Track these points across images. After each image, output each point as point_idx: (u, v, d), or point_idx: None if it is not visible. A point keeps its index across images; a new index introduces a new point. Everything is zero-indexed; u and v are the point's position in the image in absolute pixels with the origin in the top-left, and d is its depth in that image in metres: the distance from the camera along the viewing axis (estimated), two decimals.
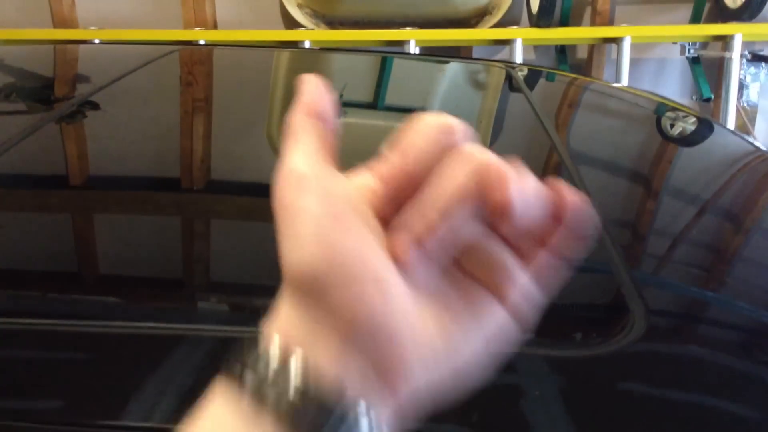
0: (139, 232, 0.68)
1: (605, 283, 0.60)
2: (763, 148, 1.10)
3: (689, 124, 1.19)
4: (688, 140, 1.14)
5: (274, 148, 0.92)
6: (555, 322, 0.54)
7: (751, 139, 1.18)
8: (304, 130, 0.29)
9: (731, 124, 2.92)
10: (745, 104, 3.18)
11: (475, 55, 3.18)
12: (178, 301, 0.57)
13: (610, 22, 3.16)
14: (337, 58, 1.56)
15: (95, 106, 1.04)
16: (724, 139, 1.17)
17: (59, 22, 3.18)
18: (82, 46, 1.57)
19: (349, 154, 0.98)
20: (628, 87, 1.66)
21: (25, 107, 1.08)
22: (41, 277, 0.59)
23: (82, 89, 1.18)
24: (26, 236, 0.66)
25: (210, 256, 0.65)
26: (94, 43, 2.61)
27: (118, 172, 0.83)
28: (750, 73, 3.15)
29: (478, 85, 1.40)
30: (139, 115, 1.03)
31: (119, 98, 1.09)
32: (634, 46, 2.93)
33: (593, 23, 3.18)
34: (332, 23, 3.16)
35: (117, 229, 0.70)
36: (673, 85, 3.27)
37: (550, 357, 0.49)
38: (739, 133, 1.24)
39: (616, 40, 2.93)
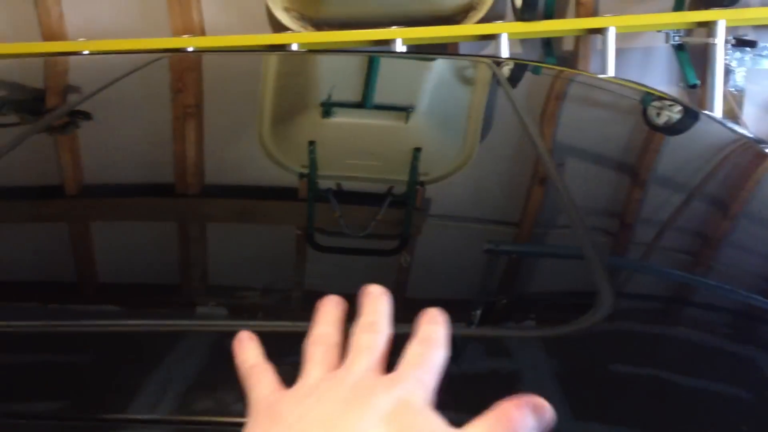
0: (133, 239, 0.69)
1: (581, 271, 0.62)
2: (748, 134, 1.11)
3: (675, 113, 1.21)
4: (674, 129, 1.15)
5: (266, 152, 0.93)
6: (528, 305, 0.56)
7: (735, 127, 1.20)
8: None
9: (719, 109, 2.94)
10: (733, 89, 3.20)
11: (461, 51, 3.19)
12: (173, 308, 0.58)
13: (594, 13, 3.18)
14: (325, 60, 1.57)
15: (86, 116, 1.05)
16: (708, 128, 1.19)
17: (48, 35, 3.18)
18: (71, 58, 1.58)
19: (340, 153, 0.99)
20: (614, 77, 1.68)
21: (17, 119, 1.09)
22: (39, 287, 0.60)
23: (72, 100, 1.19)
24: (21, 246, 0.67)
25: (205, 260, 0.66)
26: (84, 55, 2.61)
27: (110, 180, 0.84)
28: (735, 58, 3.17)
29: (465, 82, 1.41)
30: (130, 123, 1.04)
31: (110, 107, 1.09)
32: (619, 36, 2.95)
33: (577, 15, 3.20)
34: (319, 25, 3.16)
35: (111, 237, 0.70)
36: (659, 73, 3.28)
37: (520, 338, 0.51)
38: (724, 120, 1.25)
39: (601, 31, 2.95)
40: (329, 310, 0.48)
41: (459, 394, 0.44)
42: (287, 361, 0.45)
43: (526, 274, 0.65)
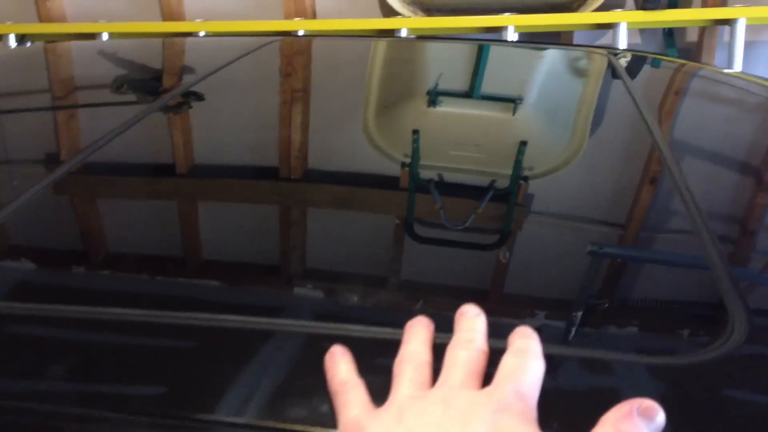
0: (238, 220, 0.71)
1: (705, 284, 0.58)
2: None
3: None
4: None
5: (369, 139, 0.93)
6: (649, 327, 0.52)
7: None
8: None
9: None
10: None
11: (576, 41, 3.09)
12: (274, 288, 0.59)
13: (723, 3, 2.99)
14: (433, 47, 1.56)
15: (199, 96, 1.08)
16: None
17: (167, 15, 3.32)
18: (188, 39, 1.64)
19: (444, 143, 0.97)
20: (741, 73, 1.58)
21: (135, 98, 1.14)
22: (143, 263, 0.62)
23: (187, 80, 1.23)
24: (133, 222, 0.70)
25: (306, 244, 0.66)
26: (200, 36, 2.70)
27: (219, 160, 0.86)
28: None
29: (578, 73, 1.36)
30: (240, 105, 1.06)
31: (223, 88, 1.12)
32: (748, 28, 2.76)
33: (704, 4, 3.02)
34: (429, 10, 3.14)
35: (217, 217, 0.72)
36: None
37: (643, 364, 0.47)
38: None
39: (729, 22, 2.77)
40: (418, 330, 0.46)
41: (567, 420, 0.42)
42: (382, 363, 0.44)
43: (630, 281, 0.62)
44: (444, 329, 0.46)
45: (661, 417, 0.36)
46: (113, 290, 0.57)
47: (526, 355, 0.42)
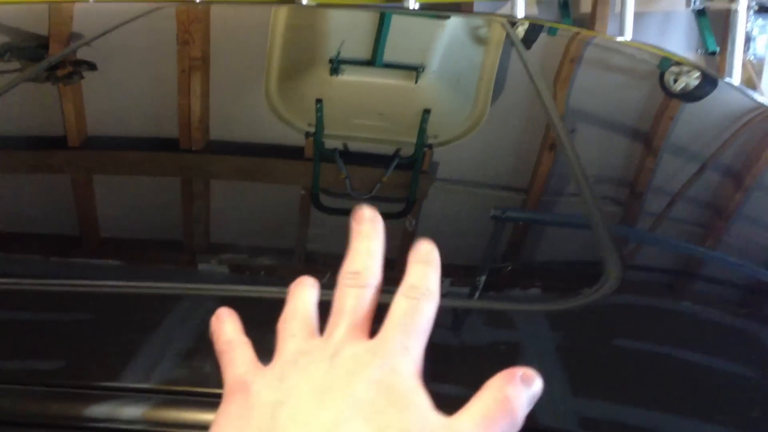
0: (137, 194, 0.68)
1: (588, 241, 0.61)
2: (766, 103, 1.08)
3: (693, 79, 1.18)
4: (691, 96, 1.13)
5: (272, 108, 0.92)
6: (532, 275, 0.55)
7: (755, 95, 1.17)
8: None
9: (737, 78, 2.88)
10: (752, 58, 3.13)
11: (476, 11, 3.13)
12: (176, 263, 0.57)
13: None
14: (335, 14, 1.54)
15: (91, 66, 1.03)
16: (727, 95, 1.16)
17: None
18: (76, 5, 1.56)
19: (348, 112, 0.97)
20: (631, 41, 1.64)
21: (19, 66, 1.07)
22: (37, 239, 0.59)
23: (73, 47, 1.17)
24: (20, 198, 0.66)
25: (207, 218, 0.65)
26: (90, 2, 2.57)
27: (115, 132, 0.83)
28: (757, 26, 3.10)
29: (478, 42, 1.38)
30: (134, 74, 1.02)
31: (116, 57, 1.07)
32: (638, 0, 2.88)
33: None
34: None
35: (114, 191, 0.69)
36: (678, 39, 3.22)
37: (520, 311, 0.49)
38: (743, 89, 1.22)
39: None
40: (302, 289, 0.45)
41: (459, 368, 0.43)
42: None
43: (532, 243, 0.64)
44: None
45: (538, 383, 0.37)
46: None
47: (418, 294, 0.41)
